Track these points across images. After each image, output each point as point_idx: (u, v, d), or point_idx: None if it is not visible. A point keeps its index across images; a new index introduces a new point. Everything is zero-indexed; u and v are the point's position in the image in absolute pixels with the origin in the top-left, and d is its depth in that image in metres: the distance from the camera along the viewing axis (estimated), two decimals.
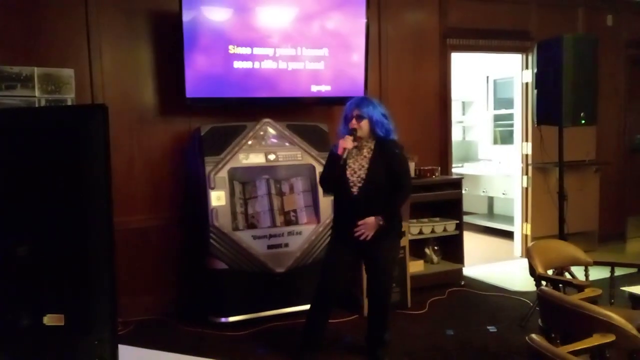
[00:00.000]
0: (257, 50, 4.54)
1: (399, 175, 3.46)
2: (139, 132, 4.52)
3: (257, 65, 4.55)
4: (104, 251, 1.58)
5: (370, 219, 3.36)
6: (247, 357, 3.76)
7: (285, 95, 4.71)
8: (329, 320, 3.91)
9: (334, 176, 3.47)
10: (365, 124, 3.43)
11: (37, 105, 4.04)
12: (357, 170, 3.45)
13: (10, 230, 1.63)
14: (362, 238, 3.37)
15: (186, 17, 4.23)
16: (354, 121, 3.43)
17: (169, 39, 4.41)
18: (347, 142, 3.39)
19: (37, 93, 4.09)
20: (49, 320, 1.54)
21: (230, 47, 4.45)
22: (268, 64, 4.58)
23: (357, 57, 4.92)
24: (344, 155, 3.38)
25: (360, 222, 3.36)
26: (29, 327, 1.58)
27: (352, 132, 3.42)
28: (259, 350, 3.87)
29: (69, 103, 4.17)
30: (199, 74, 4.35)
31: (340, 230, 3.54)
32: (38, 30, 4.16)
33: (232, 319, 4.25)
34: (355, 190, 3.42)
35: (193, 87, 4.32)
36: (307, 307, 3.77)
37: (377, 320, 3.66)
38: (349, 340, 3.96)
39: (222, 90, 4.47)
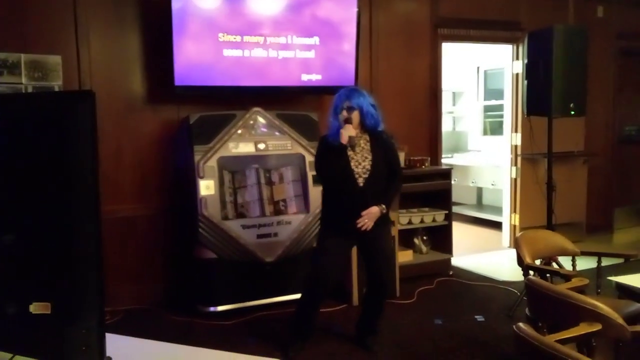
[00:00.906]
0: (247, 39, 4.50)
1: (394, 165, 3.55)
2: (127, 120, 4.48)
3: (247, 53, 4.52)
4: (91, 239, 1.57)
5: (375, 209, 3.38)
6: (236, 346, 3.76)
7: (276, 84, 4.69)
8: (320, 310, 3.93)
9: (336, 167, 3.42)
10: (356, 115, 3.43)
11: (23, 92, 3.99)
12: (361, 161, 3.44)
13: None
14: (364, 228, 3.37)
15: (175, 4, 4.18)
16: (344, 112, 3.42)
17: (158, 26, 4.36)
18: (351, 130, 3.38)
19: (24, 80, 4.04)
20: (35, 308, 1.53)
21: (220, 34, 4.41)
22: (258, 53, 4.55)
23: (348, 46, 4.90)
24: (352, 143, 3.38)
25: (364, 213, 3.36)
26: (15, 315, 1.57)
27: (348, 121, 3.40)
28: (247, 340, 3.87)
29: (57, 90, 4.12)
30: (188, 61, 4.32)
31: (339, 222, 3.48)
32: (25, 16, 4.11)
33: (220, 308, 4.25)
34: (361, 181, 3.41)
35: (182, 75, 4.29)
36: (296, 296, 3.77)
37: (374, 310, 3.68)
38: (338, 330, 3.98)
39: (211, 78, 4.44)
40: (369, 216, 3.37)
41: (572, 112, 4.53)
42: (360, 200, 3.39)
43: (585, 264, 3.87)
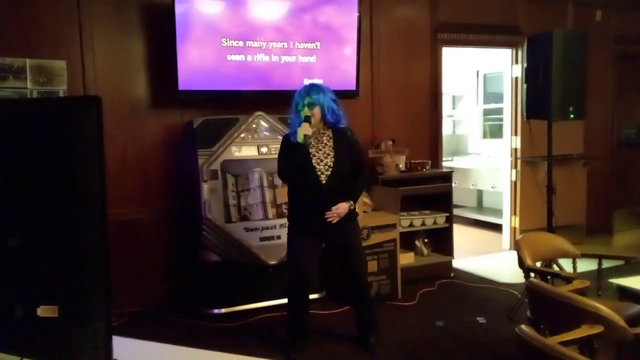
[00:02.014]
0: (250, 44, 4.54)
1: (359, 162, 3.57)
2: (131, 124, 4.51)
3: (249, 58, 4.55)
4: (98, 242, 1.58)
5: (343, 204, 3.41)
6: (239, 348, 3.77)
7: (278, 88, 4.71)
8: (321, 312, 3.95)
9: (296, 166, 3.42)
10: (317, 111, 3.44)
11: (29, 97, 4.02)
12: (323, 158, 3.46)
13: (2, 222, 1.63)
14: (329, 220, 3.39)
15: (179, 9, 4.22)
16: (306, 109, 3.43)
17: (162, 31, 4.40)
18: (307, 129, 3.37)
19: (29, 85, 4.07)
20: (42, 311, 1.54)
21: (223, 40, 4.45)
22: (260, 57, 4.59)
23: (349, 51, 4.93)
24: (307, 142, 3.37)
25: (333, 208, 3.39)
26: (22, 318, 1.58)
27: (307, 119, 3.40)
28: (251, 342, 3.89)
29: (61, 95, 4.16)
30: (192, 66, 4.35)
31: (304, 219, 3.52)
32: (30, 21, 4.14)
33: (224, 310, 4.28)
34: (323, 178, 3.43)
35: (185, 79, 4.32)
36: None
37: (363, 304, 3.71)
38: (341, 332, 3.99)
39: (214, 83, 4.47)
40: (338, 212, 3.39)
41: (572, 116, 4.55)
42: (324, 198, 3.41)
43: (586, 266, 3.89)
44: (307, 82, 4.72)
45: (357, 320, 3.78)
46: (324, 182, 3.43)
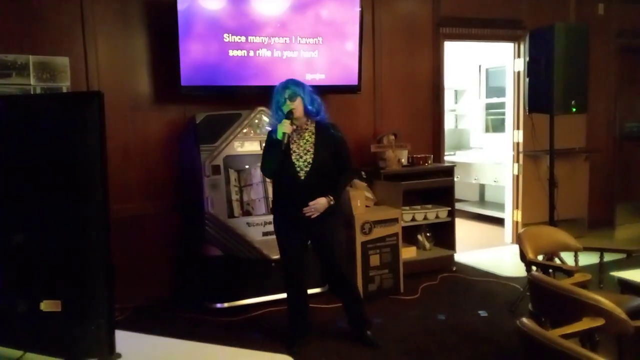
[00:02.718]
0: (252, 39, 4.54)
1: (344, 159, 3.55)
2: (134, 120, 4.52)
3: (251, 53, 4.56)
4: (100, 237, 1.59)
5: (322, 200, 3.41)
6: (243, 342, 3.78)
7: None
8: (324, 306, 3.95)
9: (276, 163, 3.44)
10: (299, 102, 3.42)
11: (33, 93, 4.03)
12: (302, 155, 3.45)
13: (6, 218, 1.64)
14: (307, 215, 3.39)
15: (181, 5, 4.22)
16: (288, 102, 3.41)
17: (164, 27, 4.40)
18: (286, 127, 3.36)
19: (32, 81, 4.07)
20: (46, 306, 1.55)
21: (225, 35, 4.45)
22: (263, 53, 4.59)
23: (351, 45, 4.93)
24: (285, 140, 3.37)
25: (311, 203, 3.39)
26: (26, 313, 1.59)
27: (289, 115, 3.39)
28: (254, 336, 3.91)
29: (64, 91, 4.16)
30: (194, 62, 4.35)
31: (285, 214, 3.54)
32: (32, 18, 4.15)
33: (227, 304, 4.30)
34: (302, 174, 3.43)
35: (188, 75, 4.33)
36: None
37: (350, 300, 3.69)
38: (342, 326, 4.00)
39: (217, 78, 4.48)
40: (316, 206, 3.39)
41: (574, 109, 4.55)
42: (303, 194, 3.41)
43: (588, 259, 3.90)
44: (308, 77, 4.74)
45: (347, 317, 3.76)
46: (302, 178, 3.43)
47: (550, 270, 3.30)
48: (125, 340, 1.73)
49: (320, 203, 3.41)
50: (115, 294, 1.61)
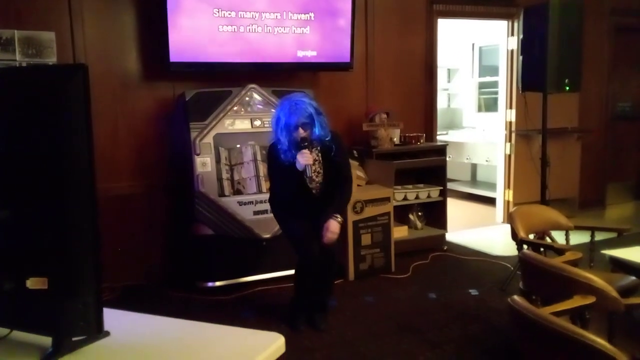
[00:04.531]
0: (242, 14, 4.46)
1: (343, 170, 3.54)
2: (122, 97, 4.45)
3: (242, 29, 4.48)
4: (87, 214, 1.56)
5: (334, 226, 3.40)
6: (234, 321, 3.78)
7: (271, 60, 4.66)
8: None
9: (294, 190, 3.43)
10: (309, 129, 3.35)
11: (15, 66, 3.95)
12: (315, 177, 3.46)
13: None
14: (329, 242, 3.42)
15: None
16: (300, 130, 3.32)
17: (152, 1, 4.31)
18: (308, 158, 3.32)
19: (18, 57, 4.00)
20: (32, 283, 1.53)
21: (215, 10, 4.37)
22: (253, 29, 4.52)
23: (344, 22, 4.86)
24: (308, 174, 3.36)
25: (326, 232, 3.38)
26: (12, 290, 1.57)
27: (304, 144, 3.32)
28: (245, 314, 3.91)
29: None
30: (183, 37, 4.28)
31: (294, 210, 3.53)
32: None
33: (218, 283, 4.29)
34: (315, 192, 3.48)
35: (177, 51, 4.26)
36: (292, 271, 3.77)
37: (322, 286, 3.68)
38: (334, 304, 4.01)
39: (206, 55, 4.41)
40: (331, 234, 3.40)
41: (567, 88, 4.53)
42: (314, 205, 3.47)
43: (579, 238, 3.91)
44: (300, 54, 4.68)
45: (310, 300, 3.70)
46: (315, 193, 3.49)
47: (542, 249, 3.31)
48: (114, 319, 1.71)
49: (333, 230, 3.40)
50: (103, 271, 1.59)
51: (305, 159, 3.31)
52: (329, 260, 3.57)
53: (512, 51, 6.15)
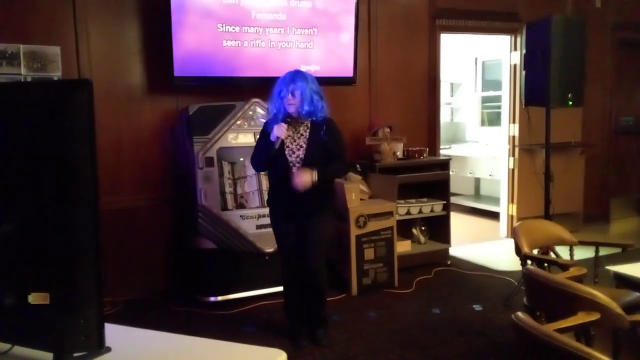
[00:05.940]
0: (246, 29, 4.49)
1: (337, 152, 3.47)
2: (126, 111, 4.47)
3: (246, 44, 4.51)
4: (89, 228, 1.55)
5: (306, 177, 3.30)
6: (235, 336, 3.75)
7: (274, 74, 4.61)
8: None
9: (265, 160, 3.44)
10: (299, 97, 3.36)
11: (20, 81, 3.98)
12: (295, 150, 3.42)
13: None
14: (296, 188, 3.31)
15: None
16: (290, 96, 3.35)
17: (157, 16, 4.34)
18: (282, 132, 3.32)
19: (23, 71, 4.02)
20: (33, 298, 1.52)
21: (219, 25, 4.40)
22: (257, 43, 4.54)
23: (347, 37, 4.89)
24: (277, 146, 3.35)
25: (295, 180, 3.30)
26: (13, 306, 1.56)
27: (287, 118, 3.36)
28: (247, 329, 3.89)
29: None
30: (187, 52, 4.31)
31: (279, 209, 3.53)
32: (23, 6, 4.09)
33: (220, 298, 4.27)
34: (294, 169, 3.40)
35: (181, 65, 4.28)
36: None
37: (312, 296, 3.63)
38: (337, 319, 3.99)
39: (210, 69, 4.43)
40: (299, 179, 3.30)
41: (570, 102, 4.53)
42: (294, 188, 3.34)
43: (583, 253, 3.88)
44: (303, 68, 4.70)
45: (306, 314, 3.67)
46: (295, 168, 3.41)
47: (546, 264, 3.28)
48: (116, 334, 1.70)
49: (305, 177, 3.30)
50: (105, 286, 1.59)
51: (280, 131, 3.31)
52: (312, 269, 3.50)
53: (515, 66, 6.16)
